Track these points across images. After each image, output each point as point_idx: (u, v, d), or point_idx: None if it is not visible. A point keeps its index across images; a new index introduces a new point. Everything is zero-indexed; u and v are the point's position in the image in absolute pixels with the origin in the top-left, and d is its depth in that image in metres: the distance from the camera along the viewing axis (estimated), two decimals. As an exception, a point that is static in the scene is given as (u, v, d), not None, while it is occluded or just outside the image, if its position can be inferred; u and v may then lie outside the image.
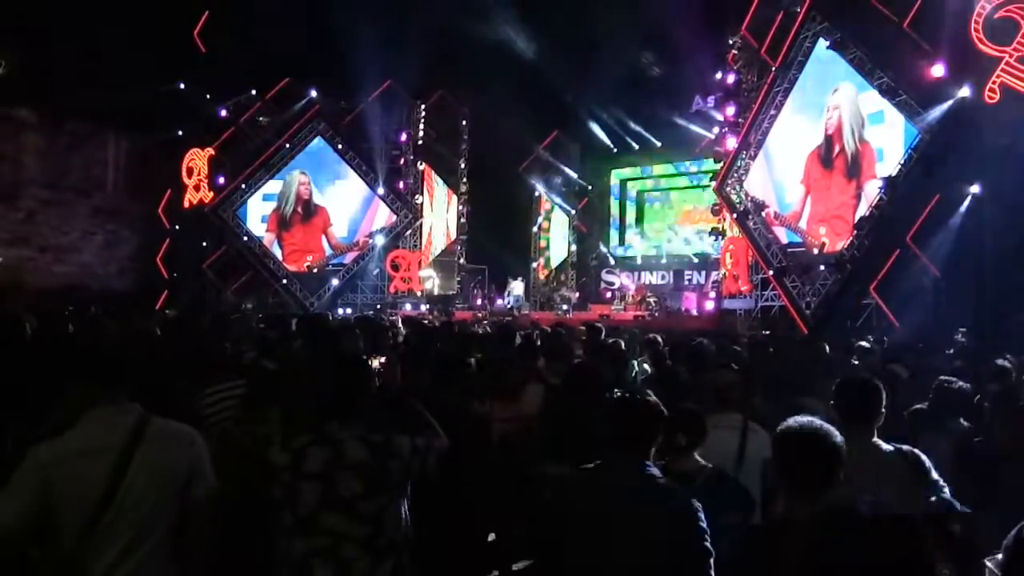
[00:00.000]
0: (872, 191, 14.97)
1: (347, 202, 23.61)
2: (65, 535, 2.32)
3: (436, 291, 23.81)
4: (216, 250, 22.69)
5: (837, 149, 16.13)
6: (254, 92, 22.86)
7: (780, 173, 17.64)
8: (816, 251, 16.22)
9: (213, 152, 22.82)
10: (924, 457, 3.08)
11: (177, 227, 23.13)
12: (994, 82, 11.76)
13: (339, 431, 2.71)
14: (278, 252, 23.35)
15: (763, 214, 17.80)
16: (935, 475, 3.02)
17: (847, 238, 15.31)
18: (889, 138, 14.92)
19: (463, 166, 25.00)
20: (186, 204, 23.08)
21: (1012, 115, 11.85)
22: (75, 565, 2.32)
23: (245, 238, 22.88)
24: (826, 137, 16.36)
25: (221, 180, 22.95)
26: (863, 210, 15.05)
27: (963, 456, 3.56)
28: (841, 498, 2.21)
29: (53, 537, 2.33)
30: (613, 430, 2.70)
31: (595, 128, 25.39)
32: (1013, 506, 2.55)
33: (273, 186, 23.54)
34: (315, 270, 23.12)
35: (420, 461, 2.80)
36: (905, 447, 3.11)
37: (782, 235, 17.46)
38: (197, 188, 22.97)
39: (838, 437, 2.27)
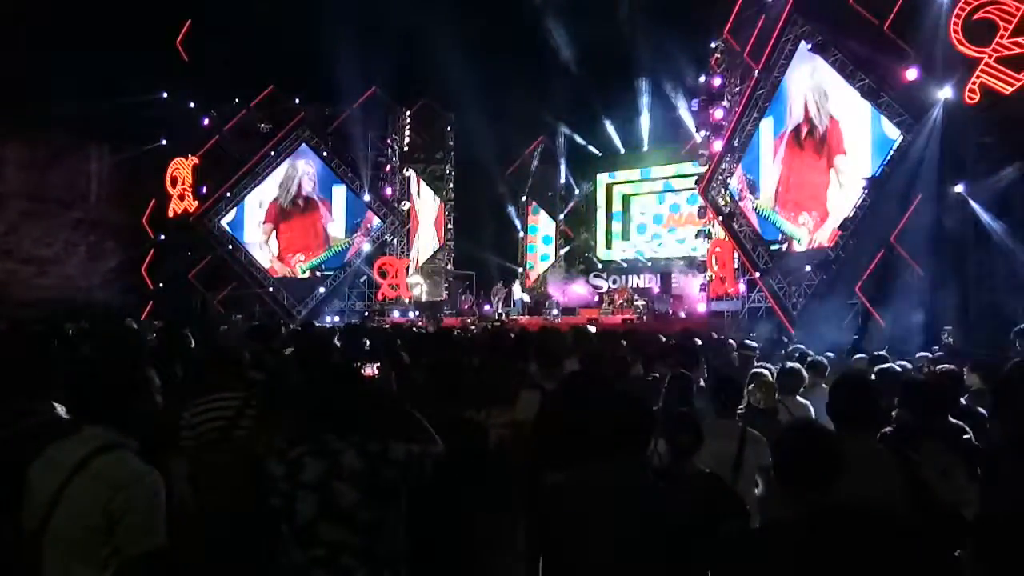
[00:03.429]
0: (843, 167, 15.31)
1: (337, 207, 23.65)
2: (25, 531, 2.37)
3: (424, 297, 23.80)
4: (202, 260, 22.55)
5: (806, 130, 16.36)
6: (237, 101, 22.77)
7: (757, 166, 17.87)
8: (797, 240, 16.42)
9: (197, 161, 22.71)
10: (917, 458, 3.11)
11: (162, 237, 22.99)
12: (974, 83, 11.88)
13: (336, 441, 2.71)
14: (275, 244, 23.24)
15: (742, 204, 17.98)
16: (928, 476, 3.05)
17: (824, 221, 15.73)
18: (858, 113, 15.12)
19: (449, 172, 25.02)
20: (171, 214, 22.96)
21: (993, 115, 12.00)
22: (34, 569, 2.34)
23: (230, 246, 22.76)
24: (797, 118, 16.59)
25: (205, 189, 22.84)
26: (839, 202, 15.26)
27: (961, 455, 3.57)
28: (838, 498, 2.22)
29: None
30: (608, 430, 2.71)
31: (580, 133, 25.47)
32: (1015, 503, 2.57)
33: (268, 190, 23.47)
34: (306, 272, 23.09)
35: (417, 468, 2.79)
36: (899, 448, 3.14)
37: (762, 233, 17.60)
38: (181, 197, 22.86)
39: (836, 437, 2.29)
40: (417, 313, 21.94)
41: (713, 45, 18.93)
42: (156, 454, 2.55)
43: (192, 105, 22.69)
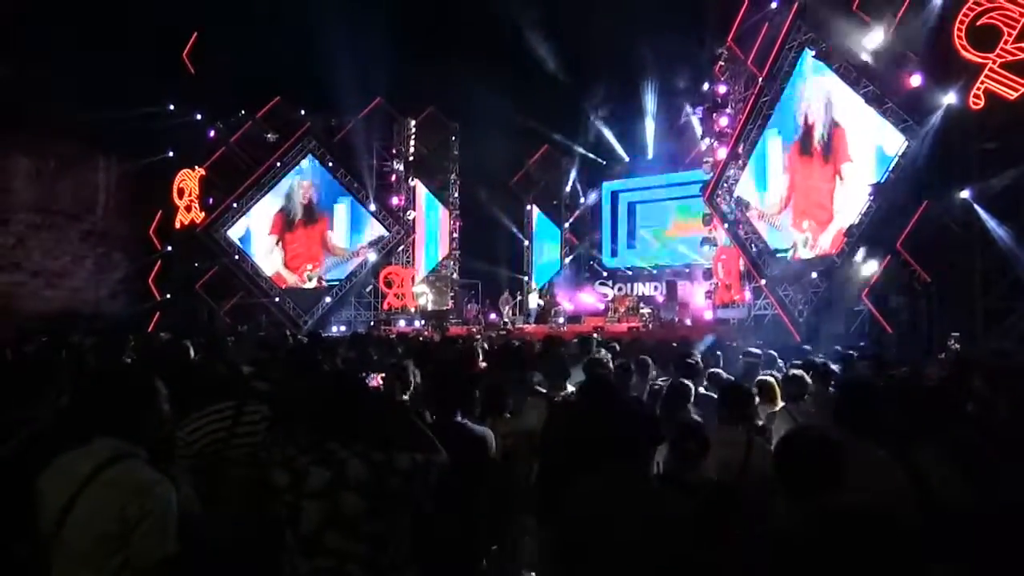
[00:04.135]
0: (849, 173, 15.33)
1: (342, 218, 23.72)
2: (36, 540, 2.39)
3: (430, 307, 23.82)
4: (208, 271, 22.63)
5: (811, 138, 16.37)
6: (244, 112, 22.90)
7: (763, 175, 17.85)
8: (802, 246, 16.41)
9: (204, 172, 22.83)
10: (918, 464, 3.10)
11: (169, 248, 23.09)
12: (978, 88, 11.87)
13: (340, 450, 2.71)
14: (279, 255, 23.32)
15: (748, 214, 17.97)
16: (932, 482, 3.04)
17: (826, 227, 15.73)
18: (863, 120, 15.08)
19: (454, 181, 25.09)
20: (177, 225, 23.05)
21: (998, 120, 11.99)
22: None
23: (236, 257, 22.84)
24: (804, 127, 16.59)
25: (212, 200, 22.96)
26: (845, 208, 15.23)
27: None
28: (842, 504, 2.22)
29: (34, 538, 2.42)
30: (612, 438, 2.72)
31: (585, 141, 25.53)
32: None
33: (274, 201, 23.58)
34: (313, 281, 23.15)
35: (422, 478, 2.80)
36: (900, 453, 3.13)
37: (771, 244, 17.55)
38: (188, 209, 22.96)
39: (837, 441, 2.29)
40: (423, 322, 21.96)
41: (717, 53, 18.99)
42: (161, 463, 2.57)
43: (199, 117, 22.82)
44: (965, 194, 12.48)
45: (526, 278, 27.28)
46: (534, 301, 23.66)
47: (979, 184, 12.31)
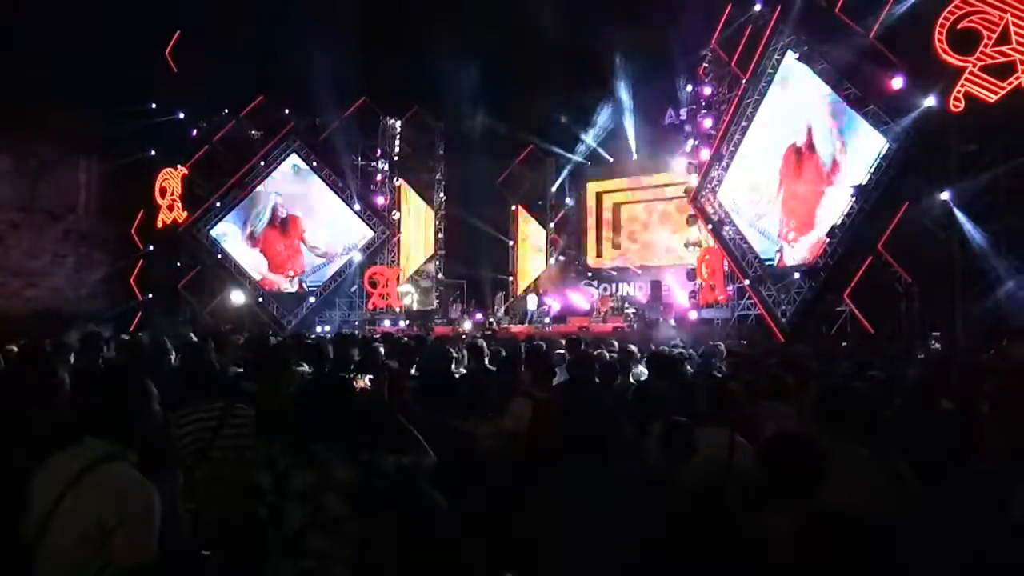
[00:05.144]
0: (829, 174, 15.47)
1: (324, 217, 23.60)
2: (23, 541, 2.37)
3: (415, 307, 23.78)
4: (191, 270, 22.45)
5: (798, 139, 16.41)
6: (227, 111, 22.74)
7: (752, 179, 17.90)
8: (788, 250, 16.51)
9: (187, 171, 22.62)
10: (903, 464, 3.13)
11: (151, 248, 22.88)
12: (958, 91, 12.02)
13: (325, 451, 2.71)
14: (262, 261, 23.21)
15: (731, 213, 18.06)
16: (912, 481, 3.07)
17: (810, 227, 15.86)
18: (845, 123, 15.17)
19: (439, 181, 25.06)
20: (159, 224, 22.83)
21: (977, 123, 12.15)
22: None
23: (219, 256, 22.67)
24: (787, 128, 16.68)
25: (194, 200, 22.76)
26: (828, 211, 15.34)
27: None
28: (821, 502, 2.24)
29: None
30: (587, 433, 2.74)
31: (570, 141, 25.55)
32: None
33: (256, 202, 23.44)
34: (295, 284, 23.04)
35: (407, 480, 2.80)
36: (886, 453, 3.16)
37: (756, 249, 17.63)
38: (171, 208, 22.73)
39: (821, 443, 2.32)
40: (408, 322, 21.91)
41: (702, 55, 19.10)
42: (153, 466, 2.56)
43: (181, 116, 22.63)
44: (945, 196, 12.63)
45: (511, 278, 27.28)
46: (533, 302, 23.58)
47: (958, 186, 12.47)
